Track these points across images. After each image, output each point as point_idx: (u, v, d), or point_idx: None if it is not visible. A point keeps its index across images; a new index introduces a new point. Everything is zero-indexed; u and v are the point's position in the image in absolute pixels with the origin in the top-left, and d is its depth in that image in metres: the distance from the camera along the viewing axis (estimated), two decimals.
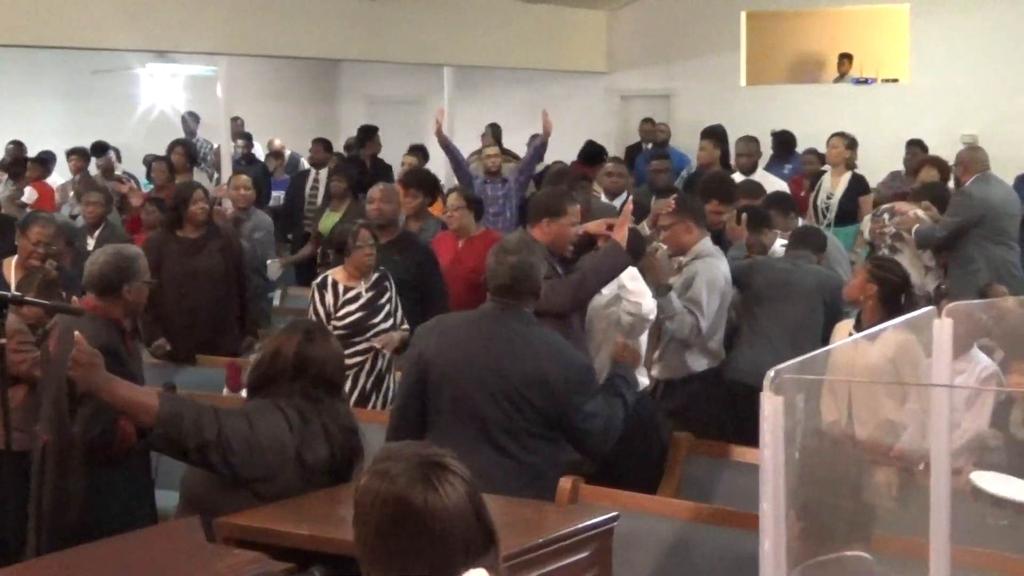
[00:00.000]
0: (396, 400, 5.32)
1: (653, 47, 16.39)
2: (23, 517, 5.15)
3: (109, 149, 14.32)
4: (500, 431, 4.76)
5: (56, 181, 13.68)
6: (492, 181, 10.50)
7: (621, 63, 16.72)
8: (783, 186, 10.12)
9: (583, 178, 11.29)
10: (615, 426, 4.96)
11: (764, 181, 9.77)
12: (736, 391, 6.47)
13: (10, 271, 7.22)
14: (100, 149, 14.19)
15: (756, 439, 2.53)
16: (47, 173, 13.51)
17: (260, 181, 12.44)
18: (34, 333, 6.11)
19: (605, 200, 9.72)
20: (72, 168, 13.60)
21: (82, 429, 4.93)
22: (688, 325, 6.54)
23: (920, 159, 10.77)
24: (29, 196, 12.54)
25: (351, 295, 6.81)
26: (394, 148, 14.20)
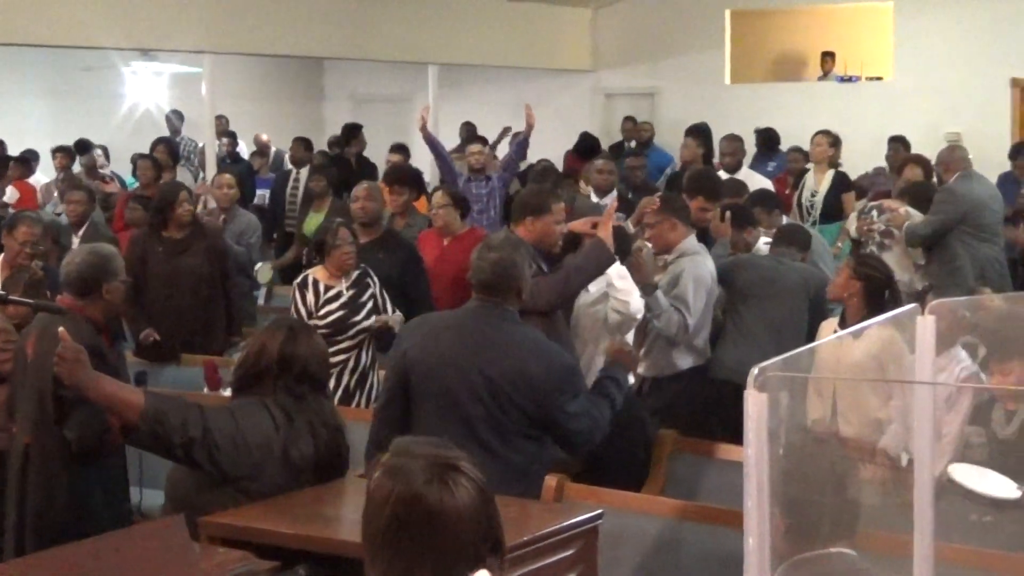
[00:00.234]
0: (380, 397, 5.31)
1: (638, 45, 16.40)
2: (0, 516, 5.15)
3: (92, 148, 14.28)
4: (484, 429, 4.75)
5: (40, 180, 13.65)
6: (476, 179, 10.49)
7: (606, 61, 16.73)
8: (768, 184, 10.14)
9: (567, 176, 11.31)
10: (600, 427, 4.94)
11: (749, 179, 9.79)
12: (721, 389, 6.48)
13: None
14: (83, 148, 14.15)
15: (741, 436, 2.54)
16: (29, 172, 13.48)
17: (245, 180, 12.43)
18: (19, 333, 6.09)
19: (595, 198, 9.72)
20: (57, 166, 13.57)
21: (77, 431, 4.93)
22: (675, 323, 6.55)
23: (904, 157, 10.79)
24: (11, 196, 12.50)
25: (332, 294, 6.80)
26: (379, 146, 14.19)
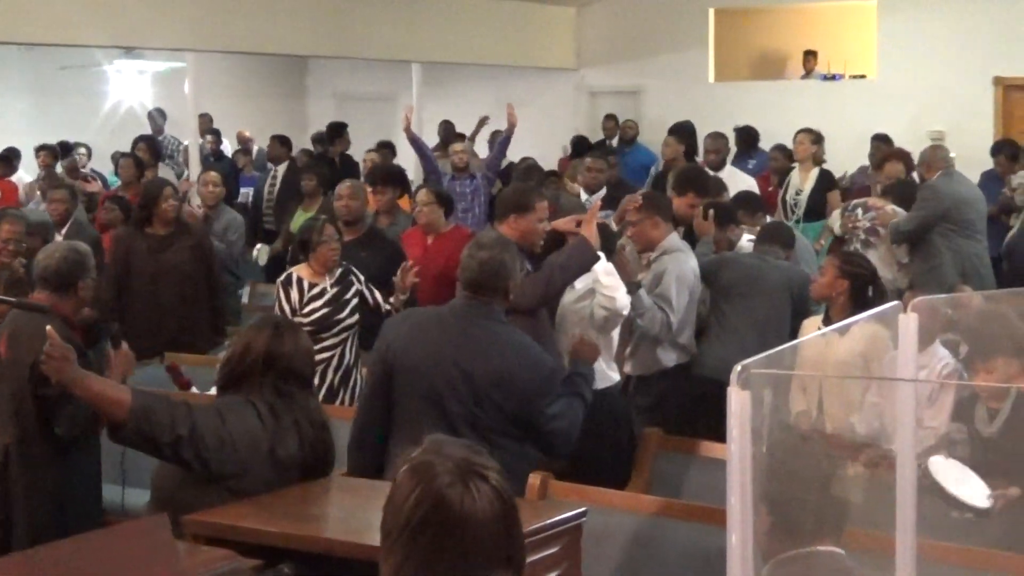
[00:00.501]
0: (363, 393, 5.31)
1: (622, 43, 16.41)
2: None
3: (73, 150, 14.22)
4: (465, 427, 4.74)
5: (23, 178, 13.60)
6: (460, 177, 10.50)
7: (590, 59, 16.73)
8: (752, 182, 10.14)
9: (552, 174, 11.32)
10: (577, 426, 4.94)
11: (733, 177, 9.79)
12: (705, 386, 6.48)
13: None
14: (65, 150, 14.09)
15: (725, 434, 2.54)
16: (11, 171, 13.42)
17: (228, 178, 12.40)
18: None
19: (584, 196, 9.73)
20: (40, 164, 13.52)
21: (67, 427, 4.92)
22: (659, 321, 6.55)
23: (884, 152, 10.75)
24: None
25: (316, 291, 6.80)
26: (363, 145, 14.16)
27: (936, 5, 14.46)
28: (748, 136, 13.03)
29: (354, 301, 6.84)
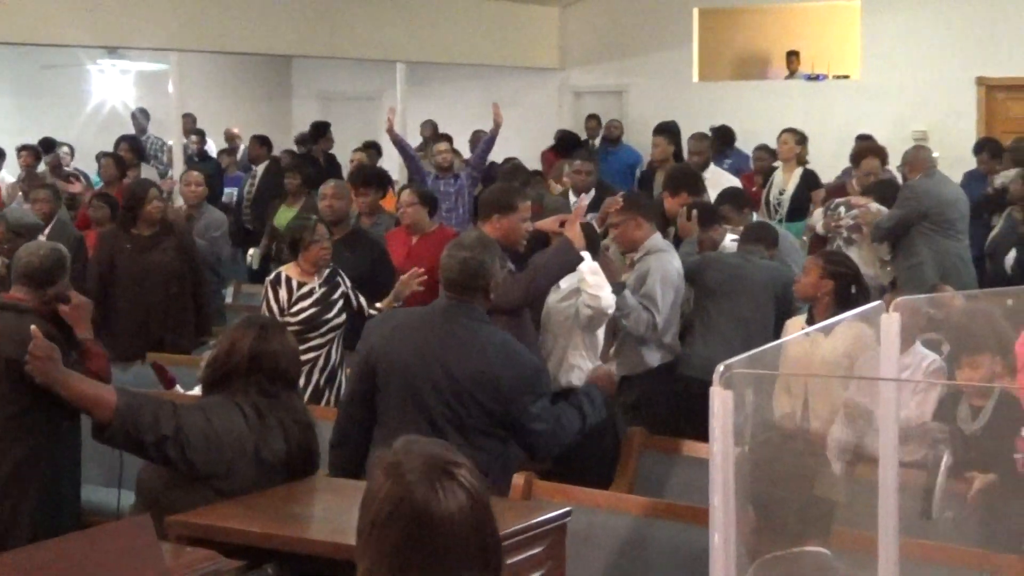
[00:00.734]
0: (345, 393, 5.31)
1: (606, 43, 16.42)
2: None
3: (56, 147, 14.18)
4: (448, 427, 4.74)
5: (5, 179, 13.55)
6: (444, 177, 10.50)
7: (574, 59, 16.73)
8: (735, 182, 10.13)
9: (536, 174, 11.32)
10: (565, 433, 4.92)
11: (717, 178, 9.80)
12: (689, 386, 6.49)
13: None
14: (48, 146, 14.05)
15: (709, 434, 2.54)
16: None
17: (213, 178, 12.38)
18: None
19: (573, 197, 9.73)
20: (22, 164, 13.48)
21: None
22: (644, 321, 6.56)
23: (862, 147, 10.70)
24: None
25: (305, 291, 6.79)
26: (348, 144, 14.16)
27: (919, 6, 14.49)
28: (725, 135, 13.02)
29: (341, 302, 6.85)
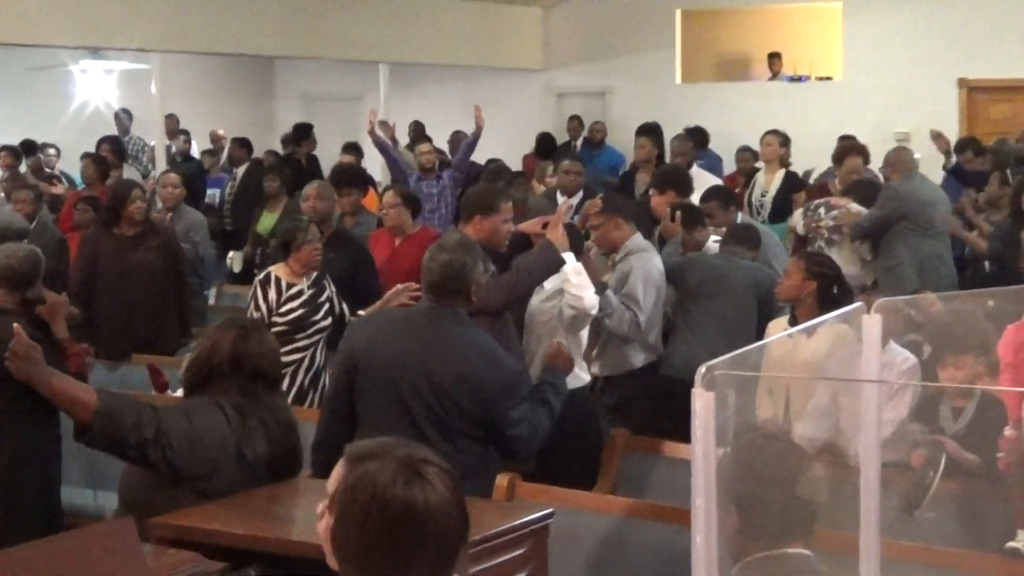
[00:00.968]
0: (326, 395, 5.30)
1: (589, 44, 16.43)
2: None
3: (38, 149, 14.11)
4: (429, 429, 4.73)
5: None
6: (427, 178, 10.50)
7: (557, 60, 16.74)
8: (719, 183, 10.16)
9: (519, 175, 11.33)
10: (540, 433, 4.93)
11: (700, 178, 9.81)
12: (672, 387, 6.50)
13: None
14: (29, 149, 13.99)
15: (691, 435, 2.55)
16: None
17: (195, 179, 12.37)
18: None
19: (561, 198, 9.74)
20: (2, 165, 13.41)
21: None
22: (627, 321, 6.57)
23: (844, 146, 10.70)
24: None
25: (294, 291, 6.78)
26: (331, 145, 14.15)
27: (901, 7, 14.54)
28: (698, 137, 13.02)
29: (327, 304, 6.85)
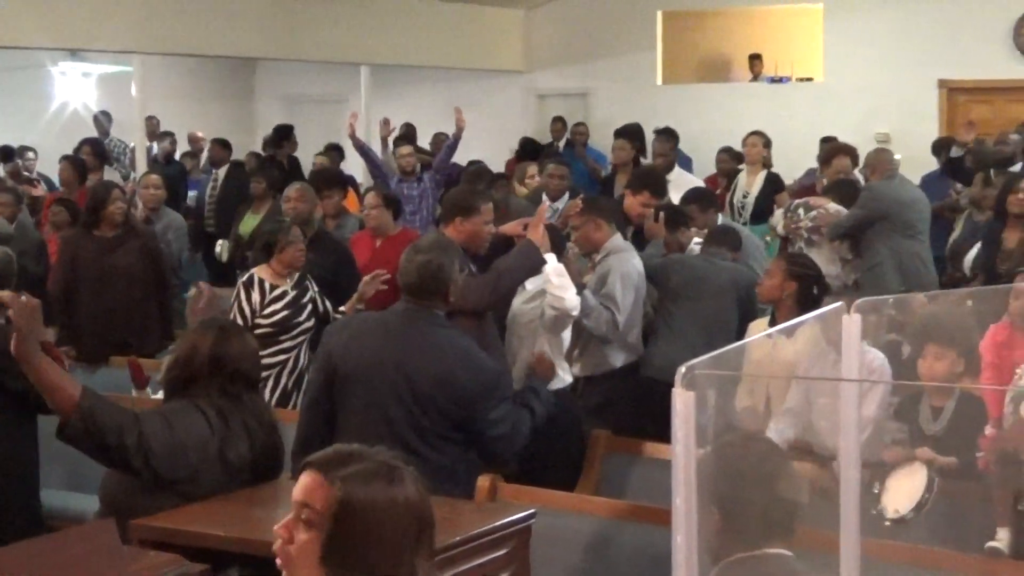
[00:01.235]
0: (304, 397, 5.28)
1: (570, 46, 16.44)
2: None
3: (16, 155, 14.01)
4: (408, 431, 4.73)
5: None
6: (408, 180, 10.50)
7: (539, 62, 16.75)
8: (700, 184, 10.17)
9: (501, 176, 11.34)
10: (520, 436, 4.93)
11: (681, 180, 9.83)
12: (652, 387, 6.51)
13: None
14: (7, 155, 13.87)
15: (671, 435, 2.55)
16: None
17: (176, 181, 12.33)
18: None
19: (547, 201, 9.74)
20: None
21: (21, 383, 4.82)
22: (605, 320, 6.58)
23: (830, 147, 10.71)
24: None
25: (277, 293, 6.78)
26: (313, 147, 14.11)
27: (881, 8, 14.58)
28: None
29: (310, 306, 6.84)
